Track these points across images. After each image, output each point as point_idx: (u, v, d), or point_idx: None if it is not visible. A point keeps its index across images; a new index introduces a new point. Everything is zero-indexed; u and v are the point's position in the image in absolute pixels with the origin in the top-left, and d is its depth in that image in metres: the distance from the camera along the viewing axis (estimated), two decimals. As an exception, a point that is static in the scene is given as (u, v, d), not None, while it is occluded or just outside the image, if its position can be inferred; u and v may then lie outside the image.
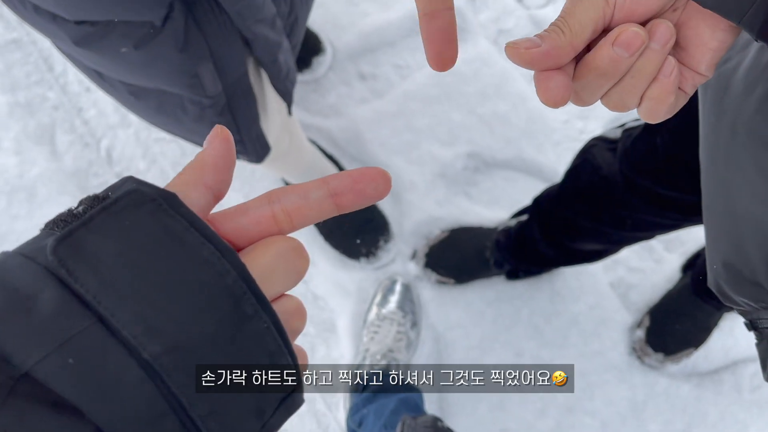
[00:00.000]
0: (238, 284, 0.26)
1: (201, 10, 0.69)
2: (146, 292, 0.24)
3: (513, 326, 1.37)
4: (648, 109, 0.37)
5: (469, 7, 1.61)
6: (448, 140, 1.50)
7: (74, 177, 1.50)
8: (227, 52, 0.74)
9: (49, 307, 0.23)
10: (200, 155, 0.31)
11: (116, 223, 0.25)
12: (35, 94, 1.56)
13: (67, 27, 0.67)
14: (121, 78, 0.79)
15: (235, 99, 0.82)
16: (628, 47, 0.34)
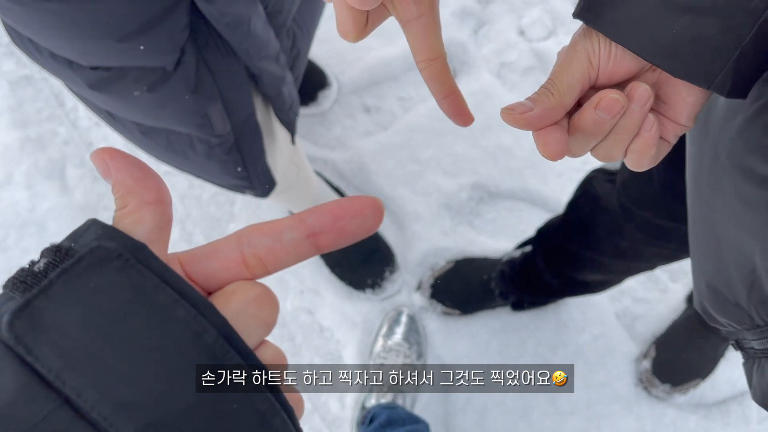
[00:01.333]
0: (219, 342, 0.23)
1: (211, 52, 0.71)
2: (115, 365, 0.22)
3: (519, 357, 1.37)
4: (633, 160, 0.41)
5: (472, 41, 1.64)
6: (453, 171, 1.52)
7: (84, 210, 1.52)
8: (236, 93, 0.77)
9: (7, 391, 0.21)
10: (117, 184, 0.28)
11: (79, 288, 0.22)
12: (46, 130, 1.59)
13: (82, 72, 0.69)
14: (133, 118, 0.81)
15: (243, 137, 0.84)
16: (609, 111, 0.37)
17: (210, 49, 0.71)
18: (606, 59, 0.38)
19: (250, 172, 0.90)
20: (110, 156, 0.28)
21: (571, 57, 0.39)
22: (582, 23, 0.39)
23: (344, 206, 0.27)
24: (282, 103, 0.89)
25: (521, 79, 1.62)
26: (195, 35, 0.69)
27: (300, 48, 0.93)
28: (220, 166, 0.87)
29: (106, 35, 0.63)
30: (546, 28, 1.65)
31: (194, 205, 1.54)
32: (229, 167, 0.88)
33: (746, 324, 0.48)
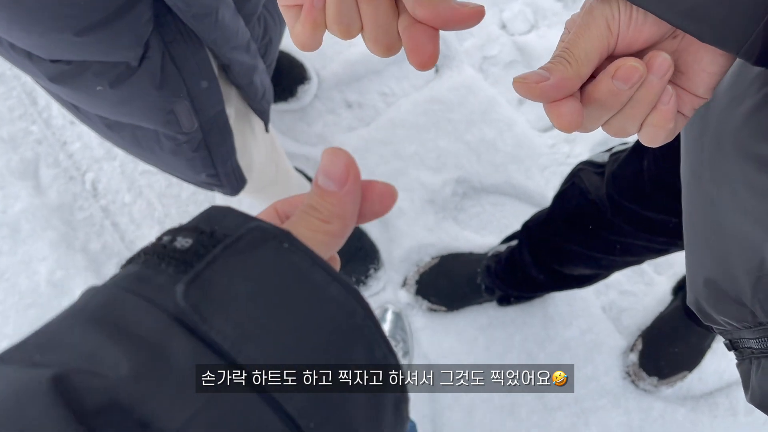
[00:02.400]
0: (367, 325, 0.25)
1: (178, 47, 0.69)
2: (282, 337, 0.23)
3: (506, 353, 1.36)
4: (648, 135, 0.38)
5: (453, 35, 1.62)
6: (436, 167, 1.50)
7: (58, 211, 1.48)
8: (204, 89, 0.74)
9: (183, 359, 0.21)
10: (338, 200, 0.29)
11: (241, 263, 0.24)
12: (18, 129, 1.55)
13: (42, 65, 0.67)
14: (98, 112, 0.79)
15: (211, 135, 0.82)
16: (626, 80, 0.35)
17: (177, 43, 0.69)
18: (626, 25, 0.36)
19: (218, 170, 0.88)
20: (353, 173, 0.29)
21: (588, 23, 0.36)
22: None
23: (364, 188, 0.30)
24: (254, 92, 0.87)
25: (504, 73, 1.61)
26: (161, 29, 0.67)
27: (272, 36, 0.91)
28: (187, 163, 0.84)
29: (64, 29, 0.60)
30: (528, 22, 1.64)
31: (173, 204, 1.51)
32: (197, 165, 0.85)
33: (747, 322, 0.46)
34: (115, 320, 0.22)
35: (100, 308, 0.23)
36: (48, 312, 1.38)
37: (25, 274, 1.41)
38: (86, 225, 1.48)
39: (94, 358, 0.21)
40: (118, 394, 0.20)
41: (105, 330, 0.22)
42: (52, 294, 1.40)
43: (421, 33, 0.36)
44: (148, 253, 0.25)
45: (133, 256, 0.26)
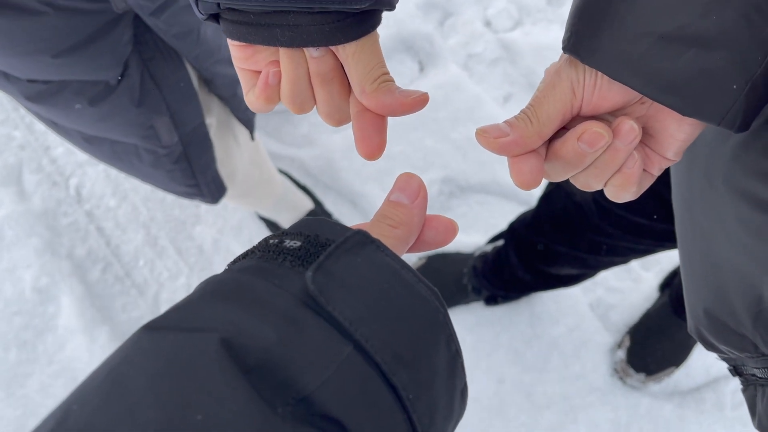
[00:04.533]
0: (447, 321, 0.29)
1: (157, 65, 0.68)
2: (387, 322, 0.27)
3: (494, 352, 1.36)
4: (612, 193, 0.39)
5: (438, 33, 1.61)
6: (423, 166, 1.49)
7: (43, 217, 1.47)
8: (184, 105, 0.74)
9: (316, 333, 0.25)
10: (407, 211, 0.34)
11: (350, 259, 0.28)
12: (0, 134, 1.53)
13: (19, 84, 0.66)
14: (76, 128, 0.78)
15: (191, 147, 0.82)
16: (591, 144, 0.35)
17: (156, 61, 0.68)
18: (591, 91, 0.36)
19: (199, 181, 0.88)
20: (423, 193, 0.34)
21: (554, 85, 0.37)
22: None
23: (428, 219, 0.35)
24: (238, 103, 0.87)
25: (488, 71, 1.60)
26: (140, 47, 0.67)
27: None
28: (167, 175, 0.84)
29: (41, 51, 0.59)
30: (512, 19, 1.63)
31: (158, 209, 1.50)
32: (177, 176, 0.85)
33: (749, 352, 0.45)
34: (252, 298, 0.26)
35: (235, 289, 0.27)
36: (34, 319, 1.38)
37: (10, 282, 1.40)
38: (71, 230, 1.47)
39: (240, 327, 0.25)
40: (271, 355, 0.24)
41: (244, 305, 0.26)
42: (38, 301, 1.39)
43: (369, 123, 0.38)
44: (261, 251, 0.30)
45: (245, 253, 0.31)
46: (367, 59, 0.37)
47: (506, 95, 1.58)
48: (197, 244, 1.47)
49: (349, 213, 1.49)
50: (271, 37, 0.36)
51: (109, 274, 1.45)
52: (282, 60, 0.38)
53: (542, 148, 0.38)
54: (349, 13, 0.35)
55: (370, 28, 0.37)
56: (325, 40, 0.35)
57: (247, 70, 0.40)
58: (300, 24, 0.35)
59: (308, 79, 0.38)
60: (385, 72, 0.38)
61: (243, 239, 1.46)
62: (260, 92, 0.39)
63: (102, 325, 1.38)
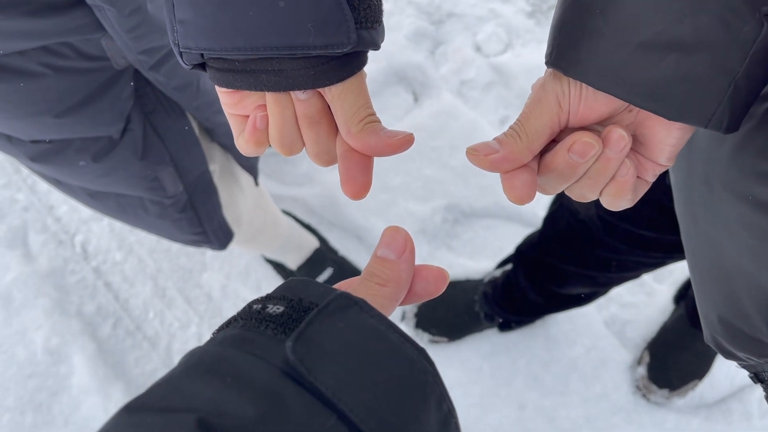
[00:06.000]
0: (437, 381, 0.28)
1: (159, 117, 0.69)
2: (371, 387, 0.26)
3: (512, 379, 1.34)
4: (607, 202, 0.39)
5: (429, 62, 1.62)
6: (424, 195, 1.49)
7: (50, 277, 1.47)
8: (187, 154, 0.75)
9: (298, 406, 0.25)
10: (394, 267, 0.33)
11: (332, 324, 0.27)
12: (4, 197, 1.54)
13: (22, 146, 0.67)
14: (80, 185, 0.78)
15: (196, 194, 0.82)
16: (581, 155, 0.35)
17: (157, 113, 0.69)
18: (577, 102, 0.36)
19: (205, 228, 0.88)
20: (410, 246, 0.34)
21: (540, 99, 0.37)
22: None
23: (418, 270, 0.35)
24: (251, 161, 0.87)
25: (482, 96, 1.60)
26: (141, 101, 0.67)
27: None
28: (173, 224, 0.84)
29: (43, 112, 0.60)
30: (502, 42, 1.64)
31: (164, 259, 1.50)
32: (183, 225, 0.85)
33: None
34: (232, 373, 0.26)
35: (215, 363, 0.26)
36: (48, 380, 1.37)
37: (22, 344, 1.40)
38: (79, 288, 1.47)
39: (219, 404, 0.24)
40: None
41: (224, 381, 0.25)
42: (50, 362, 1.38)
43: (355, 164, 0.38)
44: (244, 318, 0.29)
45: (228, 321, 0.30)
46: (353, 100, 0.37)
47: (502, 118, 1.58)
48: (206, 292, 1.47)
49: (354, 248, 1.48)
50: (257, 83, 0.36)
51: (120, 329, 1.45)
52: (269, 104, 0.38)
53: (533, 163, 0.38)
54: (333, 56, 0.35)
55: (356, 69, 0.37)
56: (311, 83, 0.36)
57: (237, 116, 0.40)
58: (284, 69, 0.35)
59: (295, 121, 0.38)
60: (371, 113, 0.38)
61: (251, 283, 1.46)
62: (249, 137, 0.39)
63: (116, 381, 1.37)
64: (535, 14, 1.67)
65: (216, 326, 1.43)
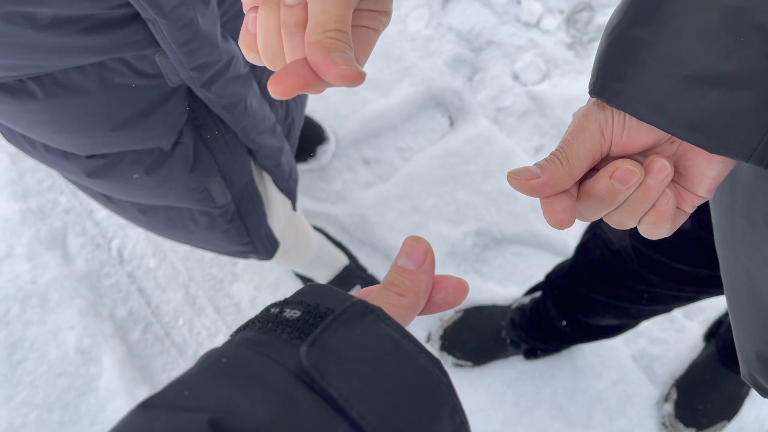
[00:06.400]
0: (451, 392, 0.28)
1: (208, 130, 0.71)
2: (384, 395, 0.26)
3: (536, 407, 1.33)
4: (646, 231, 0.39)
5: (467, 88, 1.64)
6: (456, 219, 1.50)
7: (86, 279, 1.50)
8: (235, 164, 0.77)
9: (310, 411, 0.25)
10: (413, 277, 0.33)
11: (348, 331, 0.28)
12: (47, 199, 1.59)
13: (78, 162, 0.69)
14: (131, 199, 0.80)
15: (243, 204, 0.84)
16: (623, 182, 0.36)
17: (207, 126, 0.71)
18: (620, 132, 0.37)
19: (253, 237, 0.90)
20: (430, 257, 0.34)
21: (584, 127, 0.38)
22: None
23: (438, 280, 0.35)
24: (281, 172, 0.89)
25: (518, 123, 1.62)
26: (193, 114, 0.69)
27: (294, 116, 0.93)
28: (222, 235, 0.86)
29: (99, 125, 0.62)
30: (540, 72, 1.66)
31: (197, 268, 1.53)
32: (232, 236, 0.87)
33: None
34: (246, 375, 0.26)
35: (230, 365, 0.27)
36: (77, 380, 1.40)
37: (55, 343, 1.43)
38: (113, 291, 1.51)
39: (232, 405, 0.25)
40: None
41: (238, 381, 0.26)
42: (81, 362, 1.41)
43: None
44: (262, 321, 0.30)
45: (245, 324, 0.30)
46: (326, 7, 0.33)
47: (537, 146, 1.59)
48: (235, 302, 1.49)
49: (383, 267, 1.49)
50: None
51: (149, 334, 1.47)
52: (259, 7, 0.36)
53: (573, 189, 0.39)
54: None
55: None
56: None
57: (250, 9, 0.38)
58: None
59: (279, 30, 0.36)
60: (341, 29, 0.33)
61: (279, 296, 1.47)
62: (241, 39, 0.38)
63: (143, 384, 1.39)
64: (574, 46, 1.68)
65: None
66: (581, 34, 1.69)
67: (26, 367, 1.42)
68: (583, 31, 1.70)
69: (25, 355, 1.43)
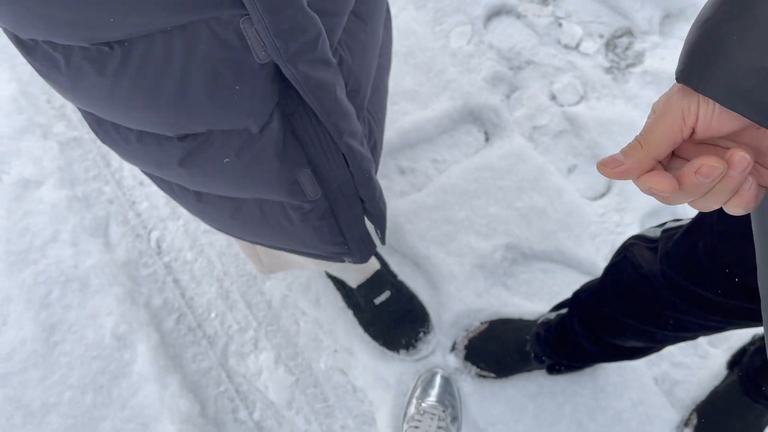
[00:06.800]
0: None
1: (298, 119, 0.70)
2: None
3: (556, 422, 1.35)
4: (731, 211, 0.43)
5: (504, 105, 1.68)
6: (486, 232, 1.53)
7: (125, 267, 1.56)
8: (325, 160, 0.75)
9: None
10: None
11: None
12: (93, 188, 1.65)
13: (171, 148, 0.70)
14: (223, 192, 0.80)
15: (338, 203, 0.82)
16: (708, 176, 0.39)
17: (298, 115, 0.70)
18: (709, 117, 0.40)
19: (346, 237, 0.88)
20: None
21: (666, 113, 0.41)
22: None
23: None
24: (372, 188, 0.84)
25: (553, 143, 1.65)
26: (283, 101, 0.68)
27: (377, 138, 0.92)
28: (314, 232, 0.85)
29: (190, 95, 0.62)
30: (577, 93, 1.69)
31: (232, 263, 1.57)
32: (324, 233, 0.86)
33: None
34: None
35: None
36: (111, 364, 1.45)
37: (92, 328, 1.49)
38: (150, 281, 1.56)
39: None
40: None
41: None
42: (116, 347, 1.46)
43: None
44: None
45: None
46: None
47: (570, 166, 1.62)
48: (266, 299, 1.53)
49: (412, 274, 1.53)
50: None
51: (182, 324, 1.52)
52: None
53: (660, 166, 0.43)
54: None
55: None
56: None
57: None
58: None
59: None
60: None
61: (310, 296, 1.51)
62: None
63: (173, 373, 1.44)
64: (612, 70, 1.71)
65: (272, 333, 1.50)
66: (620, 59, 1.72)
67: (63, 349, 1.47)
68: (621, 56, 1.72)
69: (63, 337, 1.49)
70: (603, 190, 1.59)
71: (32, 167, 1.65)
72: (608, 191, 1.59)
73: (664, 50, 1.71)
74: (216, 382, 1.48)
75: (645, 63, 1.70)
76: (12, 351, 1.47)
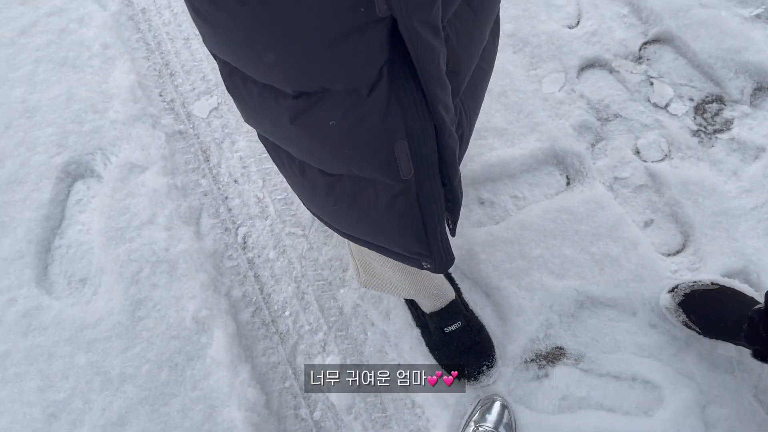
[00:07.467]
0: None
1: (402, 86, 0.72)
2: None
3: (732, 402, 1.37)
4: None
5: (588, 153, 1.73)
6: (559, 272, 1.58)
7: (212, 257, 1.65)
8: (421, 133, 0.76)
9: None
10: None
11: None
12: (191, 180, 1.77)
13: (286, 104, 0.74)
14: (324, 159, 0.83)
15: (423, 189, 0.83)
16: None
17: (404, 81, 0.71)
18: None
19: (428, 234, 0.88)
20: None
21: None
22: None
23: None
24: (454, 171, 0.85)
25: (633, 195, 1.69)
26: (392, 65, 0.70)
27: (464, 131, 0.92)
28: (397, 222, 0.86)
29: (318, 30, 0.63)
30: (661, 151, 1.73)
31: (310, 267, 1.65)
32: (408, 225, 0.87)
33: None
34: None
35: None
36: (188, 345, 1.53)
37: (175, 309, 1.58)
38: (233, 273, 1.65)
39: None
40: None
41: None
42: (194, 330, 1.55)
43: None
44: None
45: None
46: None
47: (647, 220, 1.66)
48: (339, 305, 1.60)
49: (481, 302, 1.58)
50: None
51: (257, 318, 1.60)
52: None
53: None
54: None
55: None
56: None
57: None
58: None
59: None
60: None
61: (381, 308, 1.58)
62: None
63: (245, 363, 1.52)
64: (699, 133, 1.75)
65: (340, 339, 1.56)
66: (707, 123, 1.76)
67: (146, 324, 1.57)
68: (710, 121, 1.77)
69: (147, 313, 1.58)
70: (678, 248, 1.62)
71: (140, 153, 1.78)
72: (683, 249, 1.62)
73: (753, 121, 1.74)
74: (282, 378, 1.54)
75: (733, 130, 1.74)
76: (99, 319, 1.57)
